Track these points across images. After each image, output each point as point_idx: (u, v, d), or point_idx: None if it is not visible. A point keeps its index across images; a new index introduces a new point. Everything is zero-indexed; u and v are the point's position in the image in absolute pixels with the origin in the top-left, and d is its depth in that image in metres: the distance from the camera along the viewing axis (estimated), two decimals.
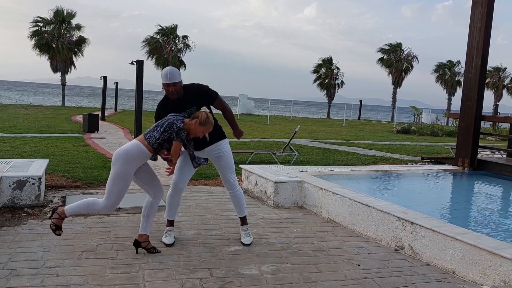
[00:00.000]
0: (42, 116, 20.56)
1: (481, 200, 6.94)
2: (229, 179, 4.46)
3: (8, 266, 3.65)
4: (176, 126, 3.87)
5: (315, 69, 46.59)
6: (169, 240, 4.36)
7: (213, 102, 4.30)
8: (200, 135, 4.02)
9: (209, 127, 4.01)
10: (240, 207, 4.60)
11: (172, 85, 4.02)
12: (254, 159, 9.84)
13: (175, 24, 39.26)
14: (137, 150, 3.88)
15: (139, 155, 3.88)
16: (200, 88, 4.27)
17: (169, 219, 4.51)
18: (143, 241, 4.10)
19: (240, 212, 4.63)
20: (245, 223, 4.63)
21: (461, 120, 8.83)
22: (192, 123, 3.96)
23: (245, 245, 4.43)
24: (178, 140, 3.88)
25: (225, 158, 4.41)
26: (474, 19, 8.49)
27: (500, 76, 49.02)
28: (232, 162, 4.48)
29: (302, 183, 6.11)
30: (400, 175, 7.95)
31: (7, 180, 5.34)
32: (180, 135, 3.88)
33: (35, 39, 35.52)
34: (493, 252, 3.65)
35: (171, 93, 4.07)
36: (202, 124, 3.96)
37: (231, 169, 4.46)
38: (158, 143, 3.90)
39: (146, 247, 4.10)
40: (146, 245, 4.10)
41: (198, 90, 4.24)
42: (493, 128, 24.52)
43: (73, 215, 4.22)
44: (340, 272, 3.88)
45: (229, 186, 4.50)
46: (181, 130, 3.88)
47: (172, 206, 4.47)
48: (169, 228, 4.49)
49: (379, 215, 4.79)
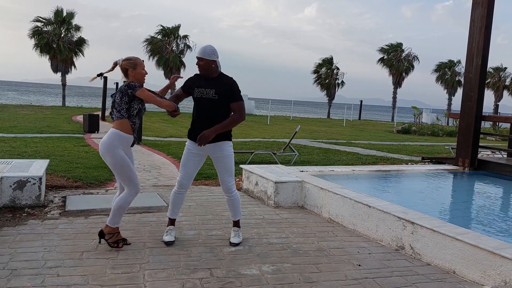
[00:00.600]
0: (43, 116, 20.56)
1: (481, 200, 6.94)
2: (227, 183, 4.41)
3: (8, 266, 3.65)
4: (124, 85, 4.06)
5: (316, 69, 46.58)
6: (169, 238, 4.37)
7: (233, 101, 4.24)
8: (143, 80, 4.15)
9: (137, 61, 4.11)
10: (235, 211, 4.53)
11: (199, 59, 4.21)
12: (254, 159, 9.84)
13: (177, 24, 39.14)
14: (116, 137, 4.04)
15: (121, 140, 4.05)
16: (233, 83, 4.28)
17: (171, 217, 4.51)
18: (107, 233, 4.16)
19: (234, 215, 4.57)
20: (237, 225, 4.59)
21: (461, 120, 8.83)
22: (131, 75, 4.10)
23: (233, 244, 4.40)
24: (137, 90, 4.00)
25: (225, 160, 4.34)
26: (474, 19, 8.49)
27: (500, 76, 49.00)
28: (232, 165, 4.39)
29: (303, 183, 6.11)
30: (400, 175, 7.94)
31: (7, 180, 5.35)
32: (132, 86, 4.01)
33: (36, 39, 35.53)
34: (493, 252, 3.65)
35: (198, 67, 4.27)
36: (133, 67, 4.08)
37: (229, 172, 4.39)
38: (129, 110, 4.04)
39: (108, 240, 4.16)
40: (109, 238, 4.15)
41: (230, 82, 4.26)
42: (493, 128, 24.51)
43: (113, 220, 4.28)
44: (341, 272, 3.88)
45: (226, 190, 4.44)
46: (131, 83, 4.03)
47: (176, 204, 4.47)
48: (170, 227, 4.49)
49: (379, 215, 4.79)
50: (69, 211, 5.33)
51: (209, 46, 4.23)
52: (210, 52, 4.19)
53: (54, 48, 35.64)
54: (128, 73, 4.11)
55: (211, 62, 4.20)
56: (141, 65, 4.15)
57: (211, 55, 4.19)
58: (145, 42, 39.09)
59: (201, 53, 4.20)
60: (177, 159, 9.63)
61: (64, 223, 4.88)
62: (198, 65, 4.25)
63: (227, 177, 4.39)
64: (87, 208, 5.45)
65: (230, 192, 4.44)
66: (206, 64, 4.21)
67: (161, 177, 7.62)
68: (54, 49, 35.60)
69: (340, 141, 16.32)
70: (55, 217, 5.06)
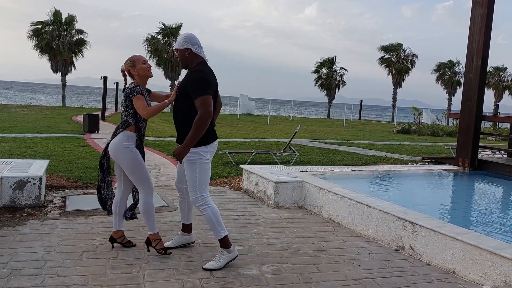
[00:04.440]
0: (43, 116, 20.56)
1: (481, 200, 6.94)
2: (190, 196, 3.85)
3: (8, 266, 3.65)
4: (128, 89, 3.97)
5: (316, 68, 46.57)
6: (168, 243, 4.21)
7: (194, 98, 3.67)
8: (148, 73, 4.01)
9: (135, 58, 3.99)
10: (212, 229, 3.84)
11: (176, 51, 3.90)
12: (254, 159, 9.84)
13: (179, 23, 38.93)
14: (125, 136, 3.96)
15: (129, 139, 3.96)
16: (192, 75, 3.74)
17: (182, 222, 4.31)
18: (119, 237, 4.18)
19: (214, 234, 3.87)
20: (221, 246, 3.84)
21: (461, 120, 8.82)
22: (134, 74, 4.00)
23: (204, 269, 3.75)
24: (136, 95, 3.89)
25: (186, 167, 3.80)
26: (474, 19, 8.49)
27: (500, 76, 49.00)
28: (192, 175, 3.75)
29: (303, 183, 6.11)
30: (400, 175, 7.94)
31: (7, 180, 5.34)
32: (134, 90, 3.91)
33: (36, 39, 35.55)
34: (493, 252, 3.65)
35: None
36: (132, 65, 4.00)
37: (190, 183, 3.80)
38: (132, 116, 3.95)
39: (122, 242, 4.18)
40: (121, 240, 4.18)
41: (190, 75, 3.77)
42: (493, 128, 24.50)
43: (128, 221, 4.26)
44: (341, 272, 3.88)
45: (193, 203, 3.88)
46: (133, 87, 3.94)
47: (180, 209, 4.28)
48: (177, 232, 4.39)
49: (379, 215, 4.79)
50: (69, 211, 5.33)
51: (184, 33, 3.85)
52: (182, 41, 3.79)
53: (54, 49, 35.67)
54: (131, 73, 4.03)
55: (184, 51, 3.79)
56: (140, 60, 4.02)
57: (184, 43, 3.78)
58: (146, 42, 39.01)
59: (175, 43, 3.87)
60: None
61: (64, 223, 4.88)
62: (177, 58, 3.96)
63: (189, 189, 3.83)
64: (87, 208, 5.45)
65: (196, 206, 3.84)
66: (180, 55, 3.84)
67: (161, 177, 7.62)
68: (54, 50, 35.63)
69: (340, 141, 16.32)
70: (55, 217, 5.06)
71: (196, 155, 3.74)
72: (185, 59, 3.83)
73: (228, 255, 3.82)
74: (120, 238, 4.19)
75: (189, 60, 3.83)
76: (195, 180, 3.76)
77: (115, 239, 4.18)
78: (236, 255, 3.89)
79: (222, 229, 3.83)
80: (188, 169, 3.76)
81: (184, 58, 3.83)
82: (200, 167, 3.76)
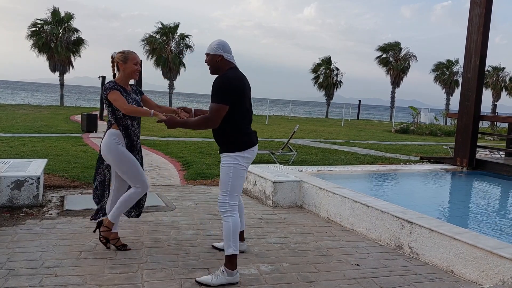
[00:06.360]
0: (41, 116, 20.53)
1: (479, 199, 6.95)
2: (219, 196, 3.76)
3: (6, 266, 3.64)
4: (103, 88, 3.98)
5: (314, 68, 46.58)
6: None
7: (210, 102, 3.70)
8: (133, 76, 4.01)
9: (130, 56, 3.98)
10: (225, 241, 3.60)
11: (206, 55, 3.81)
12: None
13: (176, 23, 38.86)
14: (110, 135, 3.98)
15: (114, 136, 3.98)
16: (216, 82, 3.69)
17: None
18: (112, 239, 4.14)
19: (225, 247, 3.61)
20: (225, 264, 3.57)
21: (459, 120, 8.84)
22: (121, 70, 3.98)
23: (197, 281, 3.54)
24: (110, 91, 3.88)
25: (221, 172, 3.75)
26: (472, 18, 8.50)
27: (498, 76, 49.09)
28: (224, 178, 3.68)
29: (301, 183, 6.11)
30: (398, 175, 7.95)
31: (5, 180, 5.33)
32: (107, 86, 3.91)
33: (34, 39, 35.49)
34: (491, 252, 3.65)
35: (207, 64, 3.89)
36: (124, 61, 3.97)
37: (223, 186, 3.70)
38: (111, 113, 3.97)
39: (115, 244, 4.14)
40: (115, 242, 4.14)
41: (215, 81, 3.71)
42: (491, 128, 24.55)
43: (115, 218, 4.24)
44: (339, 272, 3.88)
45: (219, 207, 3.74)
46: (107, 83, 3.95)
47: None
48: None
49: (377, 215, 4.79)
50: (67, 211, 5.32)
51: (217, 40, 3.83)
52: (215, 46, 3.76)
53: (52, 48, 35.61)
54: (118, 66, 3.98)
55: (216, 57, 3.75)
56: (133, 60, 3.99)
57: (217, 49, 3.76)
58: (144, 41, 38.93)
59: (207, 48, 3.81)
60: (175, 158, 9.63)
61: (62, 223, 4.87)
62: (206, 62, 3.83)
63: (220, 192, 3.75)
64: (85, 208, 5.44)
65: (220, 210, 3.70)
66: (210, 60, 3.79)
67: (159, 177, 7.62)
68: (52, 49, 35.57)
69: (339, 141, 16.33)
70: (53, 217, 5.05)
71: (232, 159, 3.67)
72: (215, 65, 3.78)
73: (228, 278, 3.52)
74: (114, 240, 4.14)
75: (219, 66, 3.79)
76: (228, 184, 3.67)
77: (109, 240, 4.14)
78: (237, 281, 3.55)
79: (235, 247, 3.58)
80: (222, 173, 3.70)
81: (215, 64, 3.78)
82: (235, 171, 3.66)
